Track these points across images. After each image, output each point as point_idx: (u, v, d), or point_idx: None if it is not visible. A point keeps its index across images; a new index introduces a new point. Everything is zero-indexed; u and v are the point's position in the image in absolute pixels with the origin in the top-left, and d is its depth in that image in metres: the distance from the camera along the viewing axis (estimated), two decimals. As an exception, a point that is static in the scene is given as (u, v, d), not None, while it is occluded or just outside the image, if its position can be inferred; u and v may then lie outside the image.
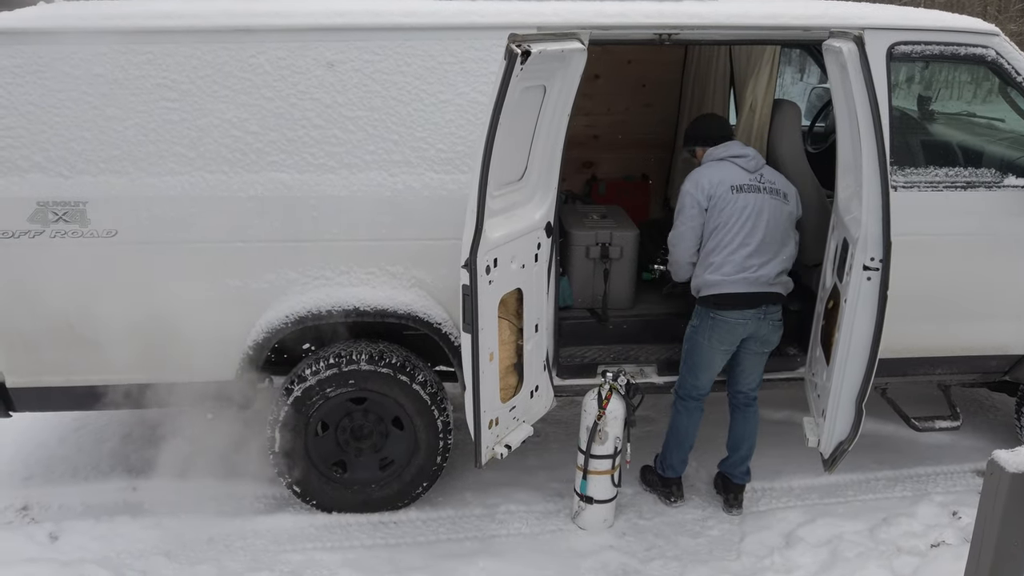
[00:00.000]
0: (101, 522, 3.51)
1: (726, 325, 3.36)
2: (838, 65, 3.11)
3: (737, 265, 3.32)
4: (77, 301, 3.23)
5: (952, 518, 3.59)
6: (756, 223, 3.33)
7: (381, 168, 3.25)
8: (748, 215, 3.32)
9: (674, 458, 3.65)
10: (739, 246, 3.33)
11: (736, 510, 3.66)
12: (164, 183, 3.18)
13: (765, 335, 3.43)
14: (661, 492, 3.73)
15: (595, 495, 3.53)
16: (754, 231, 3.33)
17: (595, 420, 3.43)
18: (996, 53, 3.47)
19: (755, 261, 3.33)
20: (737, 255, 3.32)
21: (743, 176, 3.37)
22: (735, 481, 3.68)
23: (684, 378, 3.57)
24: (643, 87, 5.28)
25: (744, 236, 3.33)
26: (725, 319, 3.35)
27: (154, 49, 3.10)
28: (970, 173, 3.56)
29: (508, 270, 3.10)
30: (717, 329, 3.38)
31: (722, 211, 3.33)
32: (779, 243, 3.39)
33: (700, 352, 3.46)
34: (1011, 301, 3.69)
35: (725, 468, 3.71)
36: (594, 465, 3.49)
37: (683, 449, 3.64)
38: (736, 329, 3.38)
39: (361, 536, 3.51)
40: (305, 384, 3.39)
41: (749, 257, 3.33)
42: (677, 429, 3.61)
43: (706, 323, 3.40)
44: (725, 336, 3.39)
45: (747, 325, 3.37)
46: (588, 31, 3.14)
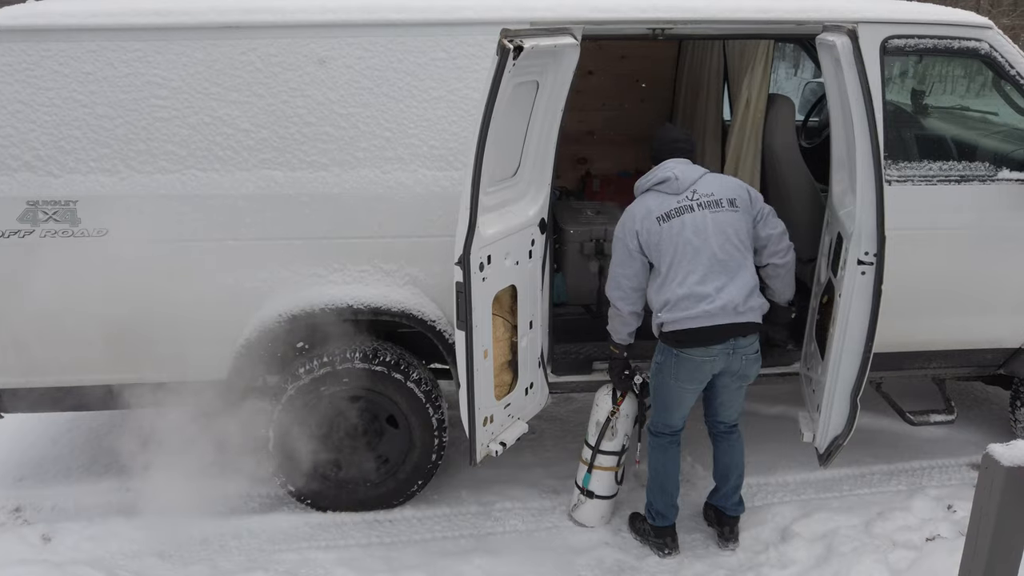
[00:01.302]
0: (94, 523, 3.49)
1: (691, 363, 3.06)
2: (832, 59, 3.10)
3: (690, 296, 2.98)
4: (68, 301, 3.21)
5: (947, 512, 3.59)
6: (699, 245, 3.00)
7: (373, 165, 3.24)
8: (686, 240, 3.00)
9: (660, 503, 3.32)
10: (686, 275, 3.00)
11: (732, 544, 3.40)
12: (155, 181, 3.16)
13: (739, 370, 3.11)
14: (654, 544, 3.38)
15: (597, 490, 3.50)
16: (698, 255, 3.00)
17: (608, 416, 3.37)
18: (989, 46, 3.47)
19: (711, 287, 2.99)
20: (686, 285, 2.99)
21: (668, 202, 3.05)
22: (729, 514, 3.42)
23: (655, 415, 3.30)
24: (637, 82, 5.27)
25: (688, 263, 3.01)
26: (689, 357, 3.04)
27: (144, 46, 3.08)
28: (964, 167, 3.56)
29: (502, 267, 3.08)
30: (682, 367, 3.07)
31: (657, 246, 3.03)
32: (739, 257, 3.05)
33: (668, 391, 3.18)
34: (1006, 295, 3.69)
35: (716, 501, 3.45)
36: (600, 461, 3.45)
37: (668, 493, 3.32)
38: (703, 367, 3.06)
39: (356, 535, 3.50)
40: (299, 383, 3.38)
41: (701, 283, 2.99)
42: (656, 470, 3.31)
43: (670, 360, 3.10)
44: (692, 375, 3.09)
45: (715, 362, 3.05)
46: (581, 26, 3.12)
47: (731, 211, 3.07)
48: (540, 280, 3.37)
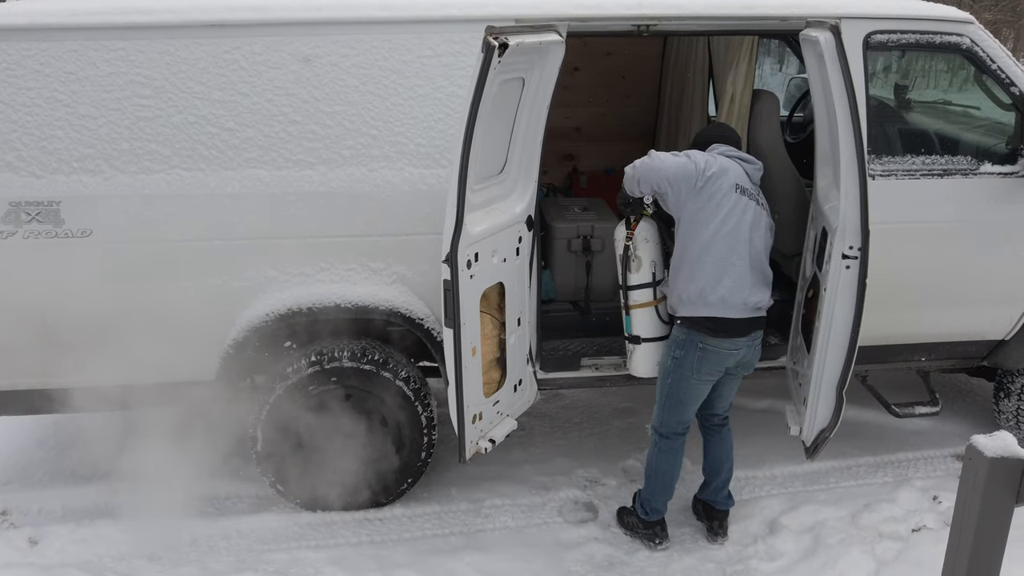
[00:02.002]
0: (82, 526, 3.47)
1: (717, 356, 3.02)
2: (815, 55, 3.12)
3: (735, 281, 2.95)
4: (52, 302, 3.19)
5: (932, 503, 3.63)
6: (753, 235, 3.03)
7: (360, 163, 3.23)
8: (748, 223, 2.99)
9: (659, 502, 3.34)
10: (738, 258, 2.96)
11: (722, 538, 3.42)
12: (139, 181, 3.14)
13: (749, 361, 3.16)
14: (644, 535, 3.40)
15: (641, 332, 3.29)
16: (751, 243, 3.03)
17: (625, 244, 3.23)
18: (971, 41, 3.50)
19: (751, 281, 3.00)
20: (735, 270, 2.96)
21: (746, 179, 3.08)
22: (719, 508, 3.43)
23: (667, 416, 3.19)
24: (623, 79, 5.28)
25: (745, 247, 2.99)
26: (717, 349, 3.00)
27: (126, 45, 3.06)
28: (947, 161, 3.59)
29: (489, 264, 3.08)
30: (707, 360, 3.03)
31: (720, 206, 2.93)
32: (767, 263, 3.13)
33: (686, 387, 3.10)
34: (988, 287, 3.73)
35: (706, 496, 3.46)
36: (633, 298, 3.28)
37: (668, 491, 3.32)
38: (727, 359, 3.05)
39: (346, 533, 3.50)
40: (287, 382, 3.37)
41: (748, 275, 2.99)
42: (663, 471, 3.26)
43: (693, 355, 3.02)
44: (714, 367, 3.06)
45: (738, 354, 3.06)
46: (566, 23, 3.13)
47: (771, 219, 3.18)
48: (528, 277, 3.38)
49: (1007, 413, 4.00)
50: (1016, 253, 3.67)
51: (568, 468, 3.92)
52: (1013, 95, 3.56)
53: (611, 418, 4.05)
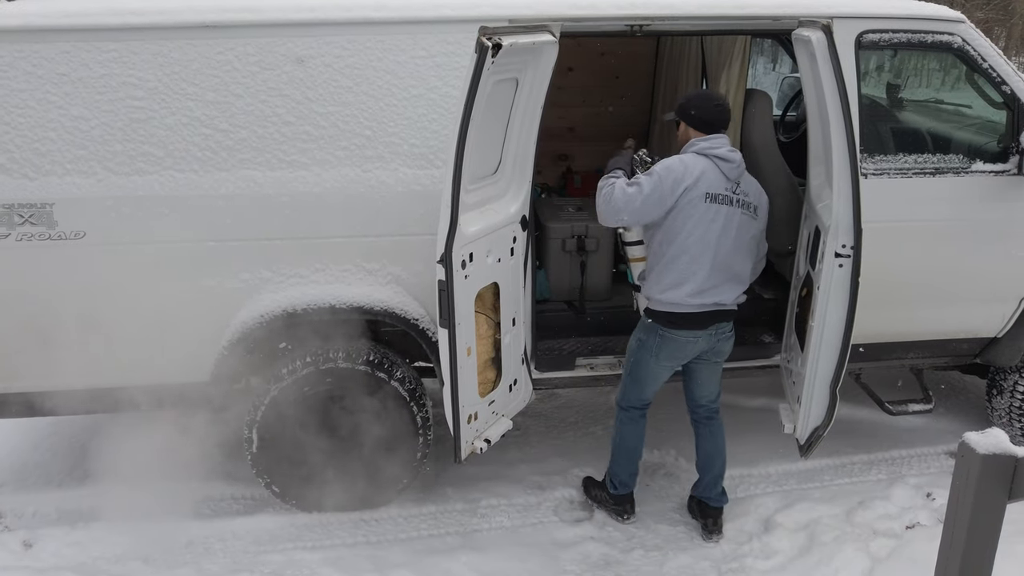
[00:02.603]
0: (76, 528, 3.47)
1: (676, 344, 3.18)
2: (807, 54, 3.13)
3: (698, 285, 3.08)
4: (46, 304, 3.18)
5: (926, 500, 3.65)
6: (721, 240, 3.08)
7: (354, 164, 3.23)
8: (716, 230, 3.06)
9: (624, 473, 3.48)
10: (701, 264, 3.08)
11: (716, 536, 3.44)
12: (133, 183, 3.13)
13: (716, 347, 3.26)
14: (612, 510, 3.53)
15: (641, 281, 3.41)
16: (719, 248, 3.09)
17: None
18: (962, 40, 3.52)
19: (715, 281, 3.11)
20: (700, 274, 3.08)
21: (721, 183, 3.07)
22: (712, 505, 3.47)
23: (627, 389, 3.38)
24: (616, 79, 5.29)
25: (710, 252, 3.08)
26: (675, 338, 3.16)
27: (119, 47, 3.05)
28: (938, 159, 3.61)
29: (484, 264, 3.09)
30: (666, 347, 3.19)
31: (688, 218, 3.04)
32: (742, 261, 3.18)
33: (646, 368, 3.28)
34: (980, 285, 3.75)
35: (699, 492, 3.50)
36: (631, 252, 3.47)
37: (632, 462, 3.47)
38: (686, 347, 3.20)
39: (342, 534, 3.50)
40: (282, 383, 3.36)
41: (710, 277, 3.10)
42: (624, 440, 3.43)
43: (653, 339, 3.19)
44: (674, 354, 3.22)
45: (698, 343, 3.19)
46: (559, 23, 3.13)
47: (754, 218, 3.18)
48: (522, 277, 3.38)
49: (1000, 410, 4.02)
50: (1008, 251, 3.69)
51: (563, 467, 3.92)
52: (1004, 93, 3.58)
53: (606, 417, 4.06)
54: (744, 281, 3.24)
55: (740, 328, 4.01)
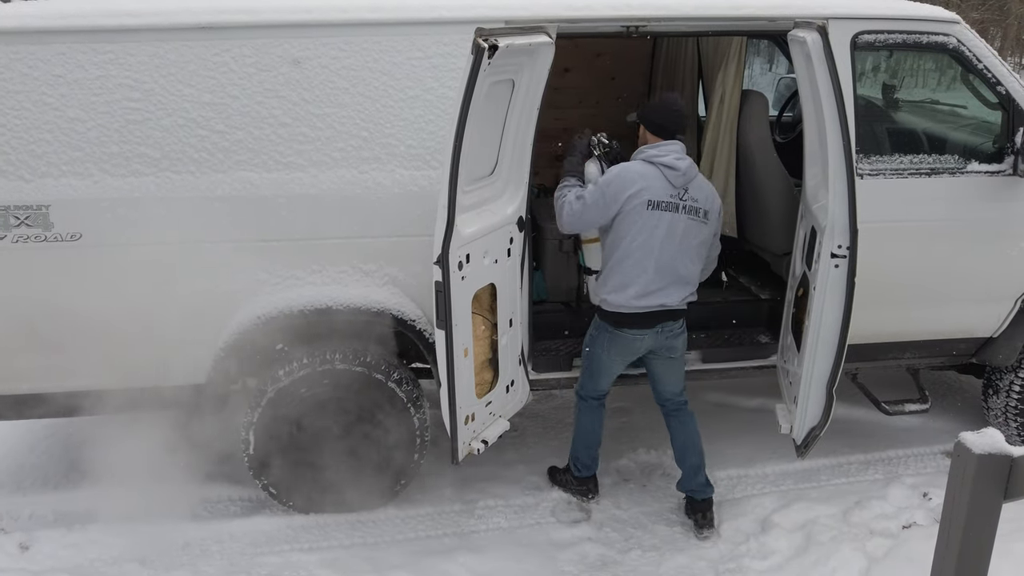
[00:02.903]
0: (73, 530, 3.46)
1: (623, 341, 3.31)
2: (803, 55, 3.14)
3: (642, 287, 3.20)
4: (42, 306, 3.17)
5: (923, 499, 3.65)
6: (664, 245, 3.18)
7: (350, 165, 3.23)
8: (660, 236, 3.16)
9: (586, 456, 3.61)
10: (644, 268, 3.19)
11: (707, 530, 3.47)
12: (129, 184, 3.13)
13: (667, 344, 3.35)
14: (577, 491, 3.68)
15: (591, 265, 3.68)
16: (662, 252, 3.19)
17: None
18: (957, 41, 3.53)
19: (659, 284, 3.21)
20: (643, 278, 3.19)
21: (666, 191, 3.16)
22: (698, 497, 3.50)
23: (584, 381, 3.53)
24: (613, 80, 5.30)
25: (653, 257, 3.18)
26: (623, 336, 3.30)
27: (115, 48, 3.05)
28: (934, 160, 3.62)
29: (481, 265, 3.09)
30: (615, 344, 3.33)
31: (632, 224, 3.16)
32: (688, 265, 3.27)
33: (599, 362, 3.42)
34: (976, 285, 3.76)
35: (683, 487, 3.56)
36: (584, 234, 3.64)
37: (592, 447, 3.61)
38: (634, 344, 3.32)
39: (339, 536, 3.50)
40: (279, 385, 3.36)
41: (654, 280, 3.21)
42: (583, 427, 3.58)
43: (603, 336, 3.35)
44: (623, 350, 3.35)
45: (645, 341, 3.31)
46: (556, 24, 3.13)
47: (703, 223, 3.26)
48: (519, 278, 3.38)
49: (996, 410, 4.03)
50: (1003, 251, 3.70)
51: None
52: (999, 94, 3.59)
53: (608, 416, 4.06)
54: (691, 283, 3.34)
55: (737, 329, 4.05)
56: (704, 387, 4.64)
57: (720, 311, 4.11)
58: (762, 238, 4.25)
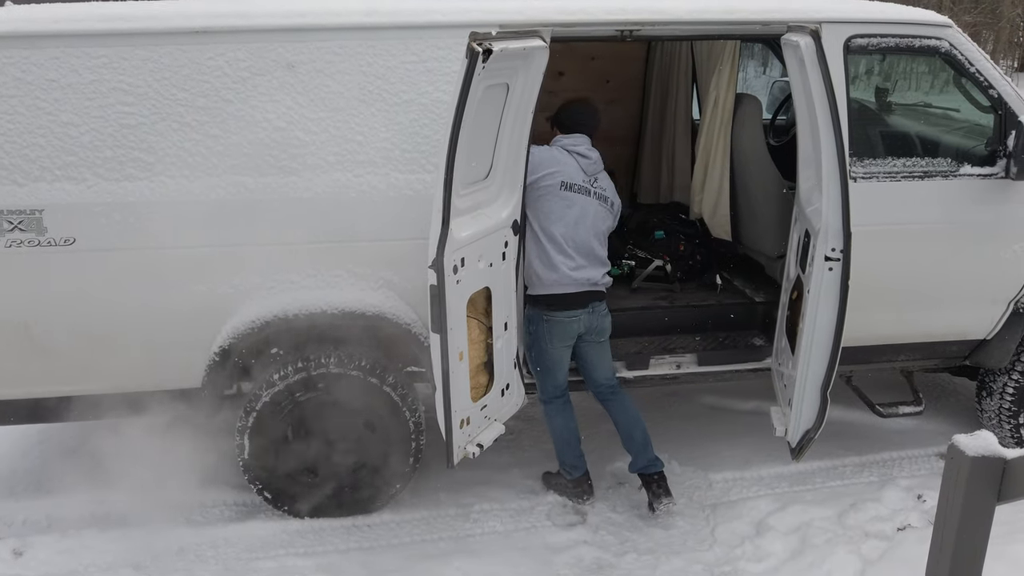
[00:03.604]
0: (67, 536, 3.44)
1: (560, 325, 3.42)
2: (796, 59, 3.15)
3: (567, 263, 3.37)
4: (35, 311, 3.17)
5: (917, 502, 3.66)
6: (579, 224, 3.39)
7: (345, 169, 3.23)
8: (575, 216, 3.37)
9: (570, 457, 3.63)
10: (566, 247, 3.37)
11: (666, 499, 3.51)
12: (123, 189, 3.12)
13: (597, 326, 3.49)
14: (572, 494, 3.68)
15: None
16: (578, 232, 3.39)
17: None
18: (949, 44, 3.55)
19: (582, 262, 3.41)
20: (568, 255, 3.37)
21: (579, 175, 3.41)
22: (652, 471, 3.57)
23: (543, 383, 3.57)
24: (607, 83, 5.30)
25: (574, 236, 3.38)
26: (558, 319, 3.41)
27: (109, 52, 3.04)
28: (927, 163, 3.63)
29: (476, 269, 3.09)
30: (553, 331, 3.43)
31: (547, 200, 3.36)
32: (600, 247, 3.48)
33: (547, 356, 3.49)
34: (969, 287, 3.77)
35: (637, 468, 3.60)
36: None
37: (573, 445, 3.62)
38: (571, 326, 3.44)
39: (335, 540, 3.49)
40: (274, 389, 3.36)
41: (576, 257, 3.39)
42: (558, 431, 3.60)
43: (542, 327, 3.45)
44: (563, 334, 3.45)
45: (579, 321, 3.44)
46: (550, 28, 3.14)
47: (609, 212, 3.52)
48: (514, 282, 3.38)
49: (989, 412, 4.04)
50: (996, 254, 3.72)
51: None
52: (991, 97, 3.61)
53: (598, 421, 4.05)
54: (606, 264, 3.53)
55: (732, 332, 4.06)
56: (699, 390, 4.65)
57: (715, 314, 4.13)
58: (756, 241, 4.26)
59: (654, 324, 4.05)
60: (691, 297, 4.27)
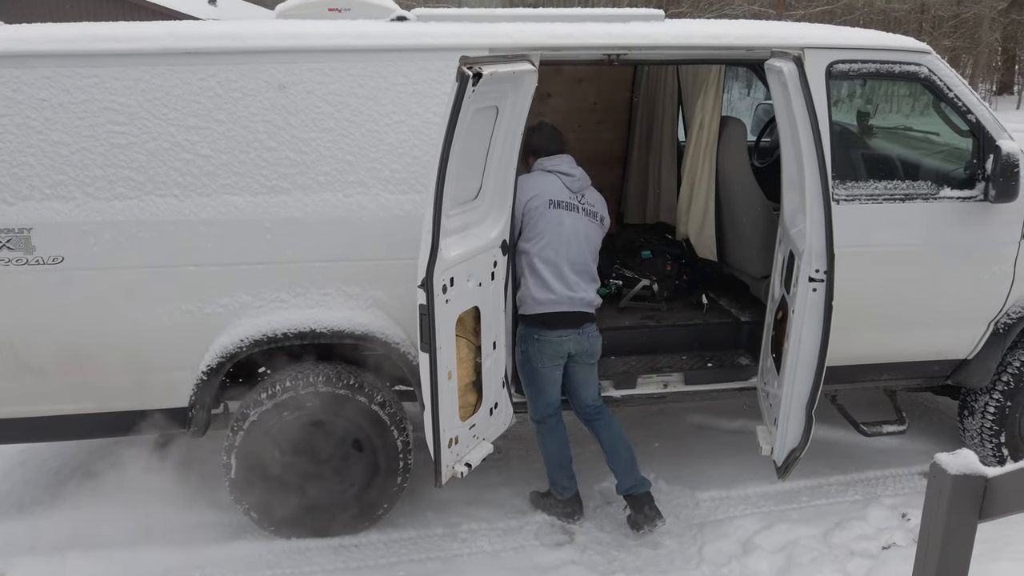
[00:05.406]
0: (51, 557, 3.40)
1: (551, 344, 3.43)
2: (780, 84, 3.22)
3: (561, 284, 3.39)
4: (23, 330, 3.15)
5: (902, 520, 3.69)
6: (572, 242, 3.40)
7: (335, 189, 3.25)
8: (567, 233, 3.39)
9: (562, 478, 3.63)
10: (559, 264, 3.39)
11: (658, 521, 3.50)
12: (112, 208, 3.13)
13: (588, 348, 3.50)
14: (561, 513, 3.68)
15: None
16: (570, 250, 3.40)
17: None
18: (928, 70, 3.63)
19: (576, 280, 3.42)
20: (561, 274, 3.39)
21: (564, 192, 3.43)
22: (639, 491, 3.55)
23: (535, 402, 3.57)
24: (595, 105, 5.37)
25: (567, 254, 3.39)
26: (549, 339, 3.42)
27: (100, 72, 3.06)
28: (908, 186, 3.70)
29: (465, 288, 3.11)
30: (545, 349, 3.44)
31: (538, 222, 3.37)
32: (590, 264, 3.49)
33: (539, 374, 3.50)
34: (950, 309, 3.83)
35: (624, 489, 3.58)
36: None
37: (565, 466, 3.63)
38: (561, 346, 3.44)
39: (321, 560, 3.47)
40: (261, 408, 3.35)
41: (571, 275, 3.41)
42: (551, 451, 3.61)
43: (533, 347, 3.46)
44: (554, 353, 3.45)
45: (569, 342, 3.44)
46: (539, 52, 3.19)
47: (598, 226, 3.52)
48: (503, 301, 3.41)
49: (971, 431, 4.09)
50: (976, 275, 3.78)
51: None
52: (970, 122, 3.69)
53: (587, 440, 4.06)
54: (597, 280, 3.55)
55: (718, 351, 4.10)
56: (686, 409, 4.67)
57: (701, 333, 4.16)
58: (741, 261, 4.31)
59: (641, 343, 4.08)
60: (677, 317, 4.31)
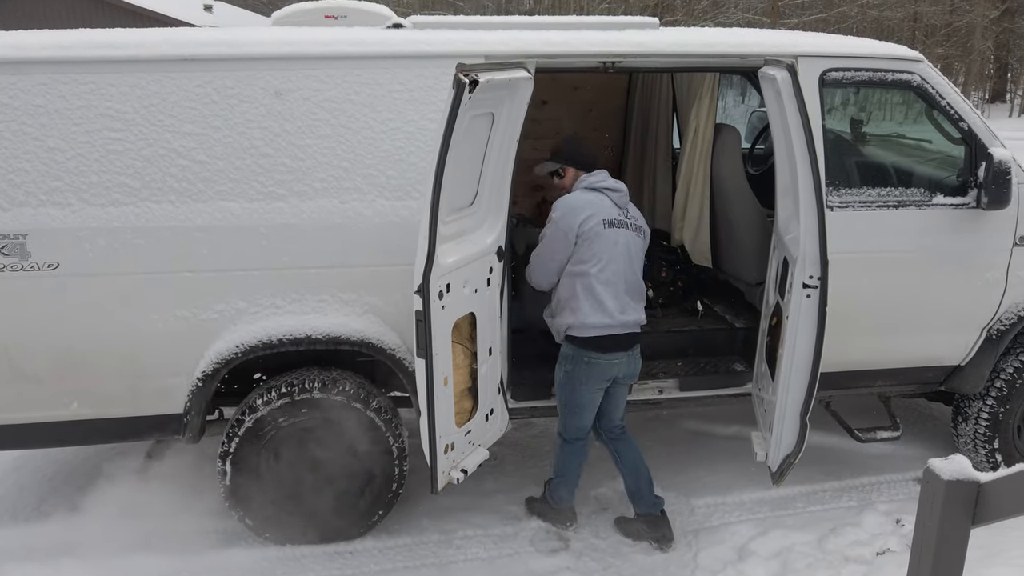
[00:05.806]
0: (45, 565, 3.38)
1: (600, 367, 3.34)
2: (773, 92, 3.24)
3: (617, 306, 3.30)
4: (18, 336, 3.15)
5: (896, 526, 3.70)
6: (626, 261, 3.34)
7: (331, 195, 3.25)
8: (621, 252, 3.31)
9: (567, 492, 3.65)
10: (617, 284, 3.31)
11: (671, 543, 3.54)
12: (108, 214, 3.13)
13: (632, 370, 3.46)
14: (556, 520, 3.68)
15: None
16: (627, 269, 3.34)
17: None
18: (921, 79, 3.65)
19: (628, 300, 3.35)
20: (618, 295, 3.31)
21: (614, 210, 3.34)
22: (657, 510, 3.59)
23: (568, 422, 3.51)
24: (590, 112, 5.39)
25: (623, 274, 3.32)
26: (599, 361, 3.33)
27: (97, 79, 3.07)
28: (901, 193, 3.72)
29: (461, 295, 3.12)
30: (593, 372, 3.35)
31: (594, 244, 3.26)
32: (640, 280, 3.44)
33: (580, 396, 3.42)
34: (943, 315, 3.85)
35: (643, 508, 3.59)
36: None
37: (572, 484, 3.64)
38: (611, 370, 3.37)
39: (316, 567, 3.46)
40: (257, 414, 3.35)
41: (626, 295, 3.34)
42: (567, 468, 3.59)
43: (580, 367, 3.35)
44: (601, 376, 3.38)
45: (620, 365, 3.38)
46: (534, 60, 3.21)
47: (642, 240, 3.46)
48: (499, 307, 3.41)
49: (965, 437, 4.10)
50: (969, 281, 3.80)
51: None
52: (962, 130, 3.71)
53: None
54: (645, 297, 3.50)
55: (713, 357, 4.10)
56: (681, 415, 4.68)
57: (696, 339, 4.17)
58: (736, 268, 4.33)
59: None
60: (672, 323, 4.32)
